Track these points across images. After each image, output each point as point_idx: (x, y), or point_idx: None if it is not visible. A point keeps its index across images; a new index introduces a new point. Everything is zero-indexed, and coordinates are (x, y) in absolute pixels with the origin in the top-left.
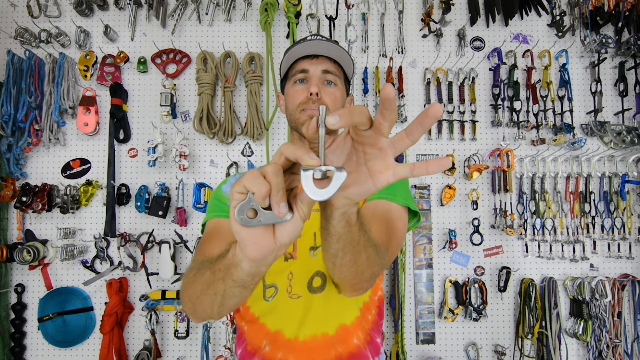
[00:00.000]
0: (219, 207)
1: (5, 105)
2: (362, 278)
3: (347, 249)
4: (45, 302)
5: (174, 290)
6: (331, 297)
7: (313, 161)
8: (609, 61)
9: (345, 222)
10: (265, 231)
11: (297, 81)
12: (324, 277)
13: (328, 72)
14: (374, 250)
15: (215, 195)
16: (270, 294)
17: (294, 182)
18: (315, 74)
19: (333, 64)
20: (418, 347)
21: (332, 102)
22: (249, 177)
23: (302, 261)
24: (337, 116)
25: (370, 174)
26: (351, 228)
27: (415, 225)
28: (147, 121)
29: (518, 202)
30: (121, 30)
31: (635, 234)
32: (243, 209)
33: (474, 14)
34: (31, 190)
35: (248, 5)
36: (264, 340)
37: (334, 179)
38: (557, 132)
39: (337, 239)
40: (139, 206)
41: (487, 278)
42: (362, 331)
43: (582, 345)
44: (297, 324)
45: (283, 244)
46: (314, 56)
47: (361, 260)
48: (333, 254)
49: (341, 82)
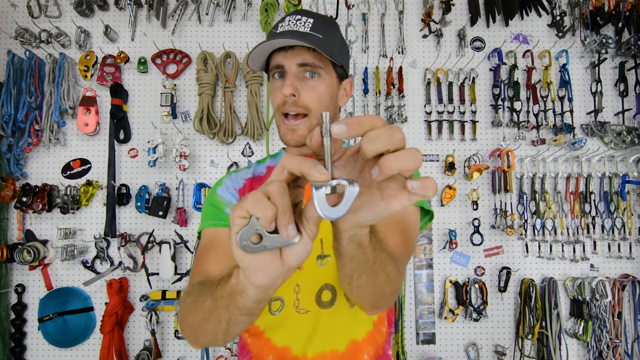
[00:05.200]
0: (214, 214)
1: (5, 105)
2: (381, 297)
3: (362, 269)
4: (45, 302)
5: (174, 290)
6: (341, 311)
7: (322, 176)
8: (609, 61)
9: (355, 244)
10: (272, 255)
11: (276, 75)
12: (333, 290)
13: (305, 64)
14: (393, 267)
15: (210, 200)
16: (276, 307)
17: (298, 196)
18: (290, 71)
19: (312, 53)
20: (418, 347)
21: (314, 102)
22: (252, 199)
23: (308, 272)
24: (343, 125)
25: (383, 197)
26: (364, 249)
27: (427, 224)
28: (147, 121)
29: (518, 202)
30: (121, 30)
31: (635, 234)
32: (246, 234)
33: (474, 14)
34: (31, 190)
35: (248, 5)
36: (269, 356)
37: (346, 194)
38: (557, 132)
39: (349, 260)
40: (139, 206)
41: (487, 278)
42: (373, 346)
43: (582, 345)
44: (305, 340)
45: (292, 267)
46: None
47: (379, 280)
48: (347, 274)
49: (328, 69)
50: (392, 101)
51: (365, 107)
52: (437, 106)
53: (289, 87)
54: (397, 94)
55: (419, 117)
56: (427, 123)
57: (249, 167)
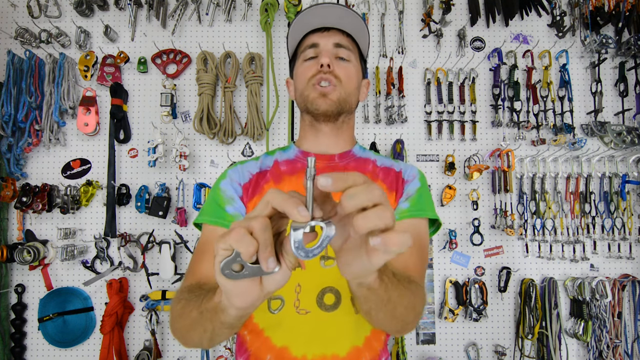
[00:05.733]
0: (214, 210)
1: (5, 105)
2: (404, 324)
3: (379, 307)
4: (45, 302)
5: (174, 291)
6: (345, 316)
7: (302, 218)
8: (609, 61)
9: (365, 288)
10: (252, 282)
11: (307, 59)
12: (338, 294)
13: (340, 45)
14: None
15: (212, 194)
16: (275, 306)
17: (282, 225)
18: (326, 48)
19: (346, 37)
20: (418, 347)
21: (345, 77)
22: (235, 235)
23: (311, 272)
24: (329, 178)
25: (367, 252)
26: (375, 292)
27: (435, 232)
28: (147, 121)
29: (518, 202)
30: (121, 30)
31: (635, 234)
32: (229, 264)
33: (474, 14)
34: (31, 190)
35: (248, 5)
36: (267, 355)
37: (322, 236)
38: (557, 132)
39: (364, 300)
40: (139, 206)
41: (487, 278)
42: (370, 352)
43: (582, 345)
44: (305, 341)
45: (270, 292)
46: (323, 29)
47: (398, 312)
48: (365, 311)
49: (355, 59)
50: (392, 101)
51: (365, 107)
52: (437, 106)
53: (327, 58)
54: (397, 94)
55: (419, 117)
56: (427, 123)
57: (257, 158)
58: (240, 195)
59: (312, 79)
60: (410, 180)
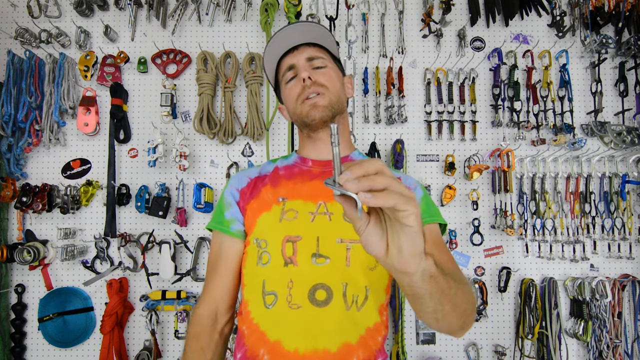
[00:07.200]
0: (218, 216)
1: (5, 105)
2: (465, 315)
3: (442, 299)
4: (45, 302)
5: (174, 291)
6: (336, 312)
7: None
8: (609, 61)
9: (428, 277)
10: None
11: (289, 80)
12: (329, 291)
13: (312, 58)
14: (460, 283)
15: (219, 202)
16: (270, 301)
17: None
18: (300, 64)
19: (315, 48)
20: (418, 347)
21: (328, 81)
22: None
23: (302, 268)
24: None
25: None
26: (436, 279)
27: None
28: (147, 121)
29: (518, 202)
30: (121, 30)
31: (635, 234)
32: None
33: (474, 14)
34: (31, 190)
35: (248, 5)
36: (261, 349)
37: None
38: (557, 132)
39: (429, 297)
40: (139, 206)
41: (487, 278)
42: (365, 351)
43: (582, 345)
44: (297, 336)
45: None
46: (292, 48)
47: (458, 301)
48: (432, 312)
49: (330, 62)
50: (392, 101)
51: (365, 107)
52: (437, 106)
53: (305, 72)
54: (397, 94)
55: (419, 117)
56: (427, 123)
57: (259, 165)
58: (238, 200)
59: (300, 96)
60: (412, 189)
